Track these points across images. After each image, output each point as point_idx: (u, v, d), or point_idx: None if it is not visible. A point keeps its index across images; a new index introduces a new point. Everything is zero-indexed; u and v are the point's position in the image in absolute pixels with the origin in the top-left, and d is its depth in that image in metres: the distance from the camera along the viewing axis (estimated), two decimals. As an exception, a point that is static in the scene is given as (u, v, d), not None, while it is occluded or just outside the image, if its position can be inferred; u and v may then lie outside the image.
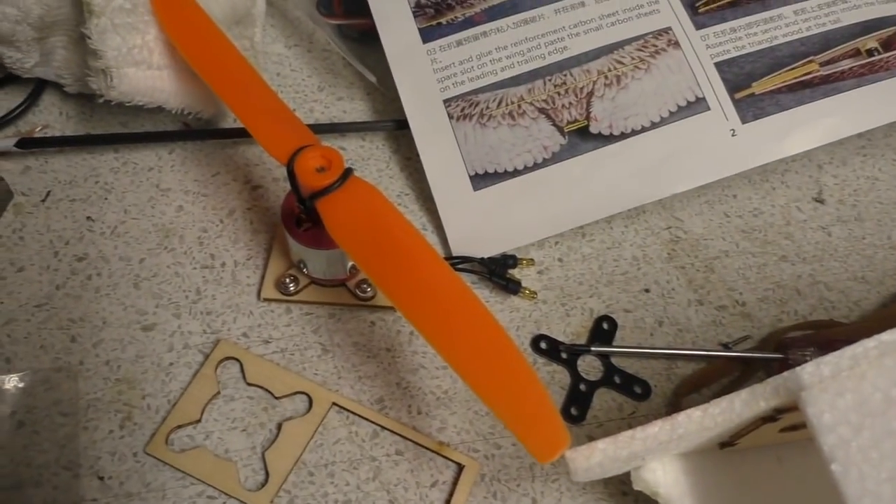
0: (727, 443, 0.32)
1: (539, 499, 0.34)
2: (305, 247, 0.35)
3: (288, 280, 0.38)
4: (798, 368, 0.27)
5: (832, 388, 0.27)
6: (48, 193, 0.41)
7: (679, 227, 0.44)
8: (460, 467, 0.34)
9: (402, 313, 0.30)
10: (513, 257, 0.41)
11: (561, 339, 0.39)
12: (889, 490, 0.25)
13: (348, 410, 0.36)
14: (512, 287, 0.40)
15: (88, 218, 0.40)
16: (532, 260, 0.41)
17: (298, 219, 0.36)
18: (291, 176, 0.33)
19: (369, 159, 0.45)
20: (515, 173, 0.41)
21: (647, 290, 0.41)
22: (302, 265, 0.38)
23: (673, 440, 0.29)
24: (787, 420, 0.29)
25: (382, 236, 0.32)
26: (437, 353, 0.29)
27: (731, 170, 0.41)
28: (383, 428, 0.35)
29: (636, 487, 0.31)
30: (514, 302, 0.40)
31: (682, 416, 0.29)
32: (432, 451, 0.35)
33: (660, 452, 0.30)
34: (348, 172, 0.33)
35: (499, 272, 0.40)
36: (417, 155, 0.43)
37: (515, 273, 0.41)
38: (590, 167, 0.41)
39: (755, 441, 0.32)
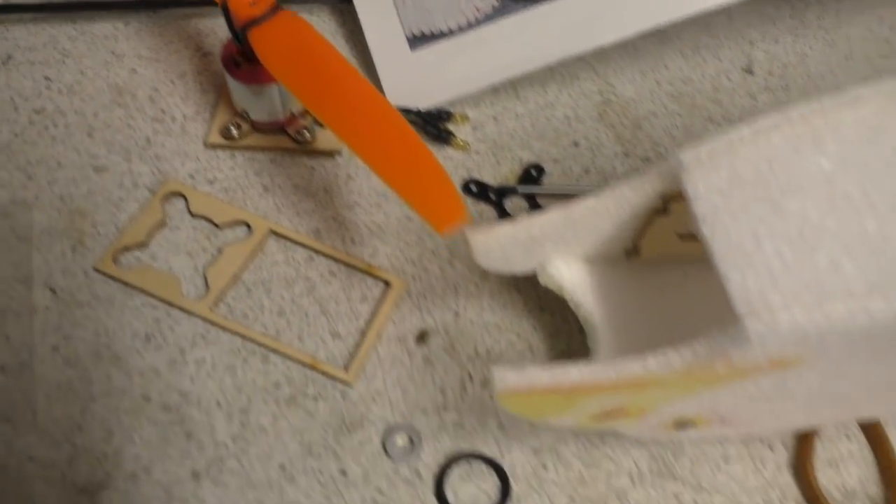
0: (632, 250, 0.35)
1: (462, 312, 0.37)
2: (243, 84, 0.38)
3: (232, 126, 0.40)
4: (678, 151, 0.30)
5: (708, 164, 0.29)
6: (9, 57, 0.44)
7: (611, 91, 0.46)
8: (388, 285, 0.37)
9: (317, 115, 0.33)
10: (447, 112, 0.43)
11: (491, 183, 0.41)
12: (751, 242, 0.27)
13: (286, 237, 0.38)
14: (444, 135, 0.42)
15: (46, 78, 0.43)
16: (467, 116, 0.44)
17: (236, 61, 0.38)
18: (225, 10, 0.35)
19: (316, 32, 0.47)
20: (450, 34, 0.43)
21: (576, 144, 0.44)
22: (245, 113, 0.40)
23: (569, 227, 0.31)
24: (676, 213, 0.32)
25: (308, 59, 0.34)
26: (344, 141, 0.32)
27: (655, 21, 0.43)
28: (318, 252, 0.38)
29: (541, 282, 0.34)
30: (448, 152, 0.43)
31: (576, 204, 0.31)
32: (363, 272, 0.37)
33: (562, 245, 0.33)
34: (278, 6, 0.35)
35: (433, 122, 0.42)
36: (361, 28, 0.45)
37: (451, 128, 0.43)
38: (521, 26, 0.43)
39: (659, 249, 0.35)
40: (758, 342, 0.26)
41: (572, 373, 0.27)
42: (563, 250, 0.33)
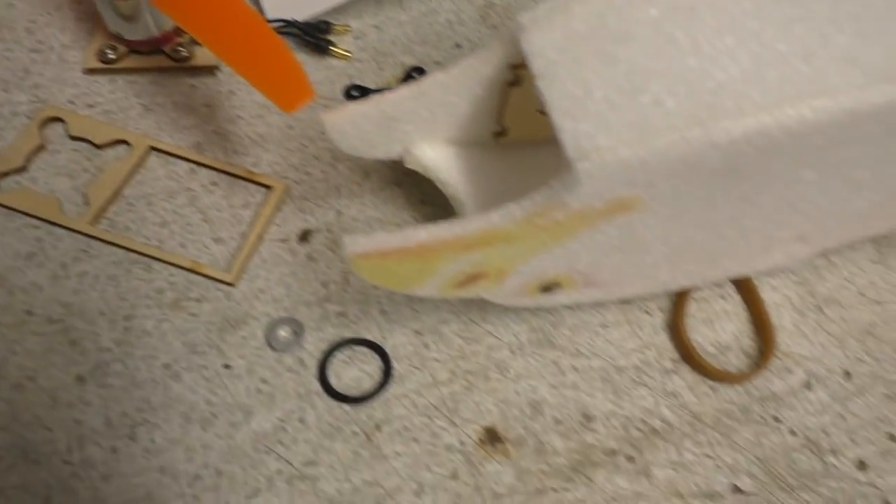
0: (499, 131, 0.35)
1: (344, 210, 0.38)
2: (110, 1, 0.38)
3: (107, 49, 0.40)
4: (518, 15, 0.30)
5: (545, 24, 0.29)
6: None
7: (494, -5, 0.47)
8: (269, 189, 0.37)
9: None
10: (327, 23, 0.43)
11: (372, 88, 0.42)
12: (582, 92, 0.28)
13: (166, 153, 0.38)
14: (324, 45, 0.42)
15: (-80, 19, 0.43)
16: (348, 26, 0.44)
17: (102, -21, 0.38)
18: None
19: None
20: (325, -55, 0.43)
21: (458, 46, 0.44)
22: (119, 34, 0.40)
23: (422, 103, 0.32)
24: (530, 84, 0.32)
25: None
26: (188, 30, 0.32)
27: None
28: (199, 164, 0.38)
29: (407, 165, 0.34)
30: (330, 62, 0.43)
31: (425, 79, 0.31)
32: (244, 179, 0.38)
33: (420, 124, 0.33)
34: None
35: (312, 34, 0.42)
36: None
37: (332, 39, 0.43)
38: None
39: (525, 128, 0.35)
40: (588, 183, 0.27)
41: (420, 233, 0.28)
42: (424, 132, 0.34)
